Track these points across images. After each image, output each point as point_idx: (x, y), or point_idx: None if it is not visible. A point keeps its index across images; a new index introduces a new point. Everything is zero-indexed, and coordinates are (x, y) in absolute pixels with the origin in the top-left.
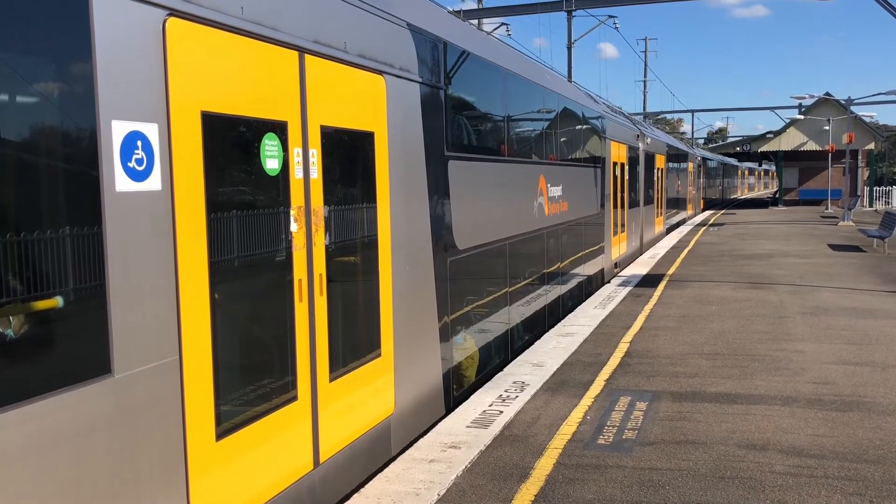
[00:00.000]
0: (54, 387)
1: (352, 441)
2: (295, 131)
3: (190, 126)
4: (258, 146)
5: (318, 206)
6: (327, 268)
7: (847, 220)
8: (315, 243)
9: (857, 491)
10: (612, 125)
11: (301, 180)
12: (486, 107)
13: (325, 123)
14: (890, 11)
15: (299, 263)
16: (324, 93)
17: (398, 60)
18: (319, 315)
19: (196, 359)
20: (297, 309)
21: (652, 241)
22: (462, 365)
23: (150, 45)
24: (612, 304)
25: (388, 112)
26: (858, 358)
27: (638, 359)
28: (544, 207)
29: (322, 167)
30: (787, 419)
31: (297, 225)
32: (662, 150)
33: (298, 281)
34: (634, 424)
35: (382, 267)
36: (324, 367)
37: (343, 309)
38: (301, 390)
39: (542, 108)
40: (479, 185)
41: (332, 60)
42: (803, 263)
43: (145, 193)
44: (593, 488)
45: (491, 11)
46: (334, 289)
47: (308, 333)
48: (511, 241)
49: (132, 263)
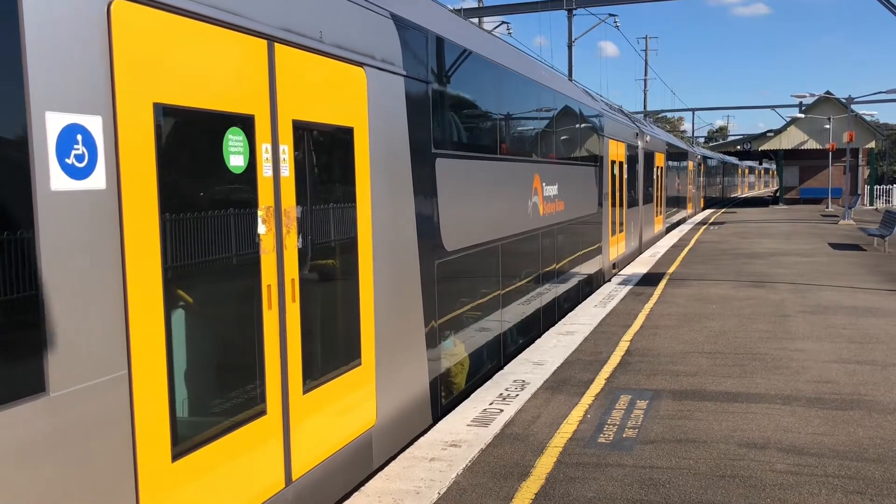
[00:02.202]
0: None
1: (329, 456)
2: (263, 126)
3: (140, 119)
4: (221, 141)
5: (290, 207)
6: (301, 272)
7: (847, 218)
8: (286, 246)
9: (857, 489)
10: (610, 123)
11: (270, 178)
12: (477, 103)
13: (298, 118)
14: (891, 10)
15: (268, 268)
16: (296, 85)
17: (380, 52)
18: (291, 323)
19: (148, 374)
20: (266, 317)
21: (651, 240)
22: (451, 371)
23: (93, 29)
24: (612, 302)
25: (370, 106)
26: (859, 357)
27: (638, 357)
28: (539, 207)
29: (294, 164)
30: (787, 418)
31: (265, 226)
32: (662, 149)
33: (267, 287)
34: (635, 423)
35: (363, 270)
36: (296, 378)
37: (319, 316)
38: (270, 404)
39: (537, 105)
40: (470, 183)
41: (306, 51)
42: (804, 262)
43: (87, 192)
44: (594, 487)
45: (491, 10)
46: (309, 295)
47: (278, 343)
48: (504, 242)
49: (71, 270)
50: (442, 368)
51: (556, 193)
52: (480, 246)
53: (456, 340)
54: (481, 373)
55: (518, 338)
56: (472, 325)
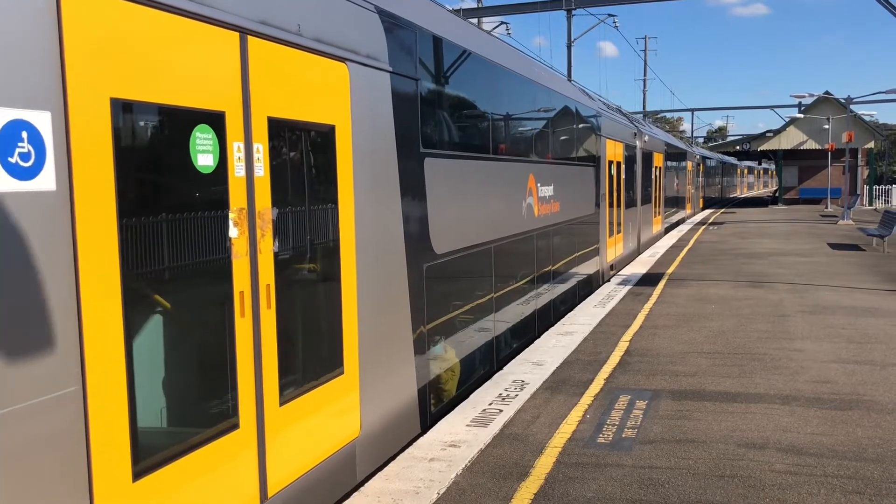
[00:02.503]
0: None
1: (309, 469)
2: (235, 123)
3: (95, 115)
4: (187, 140)
5: (265, 208)
6: (277, 278)
7: (847, 218)
8: (261, 250)
9: (856, 489)
10: (607, 122)
11: (242, 178)
12: (469, 101)
13: (275, 115)
14: (890, 11)
15: (240, 273)
16: (272, 81)
17: (364, 47)
18: (266, 331)
19: (105, 388)
20: (239, 325)
21: (650, 241)
22: (441, 378)
23: (41, 17)
24: (611, 302)
25: (353, 104)
26: (858, 357)
27: (638, 357)
28: (534, 208)
29: (270, 164)
30: (786, 418)
31: (237, 230)
32: (660, 149)
33: (240, 293)
34: (634, 423)
35: (345, 275)
36: (272, 389)
37: (298, 323)
38: (244, 417)
39: (532, 104)
40: (460, 184)
41: (283, 44)
42: (803, 262)
43: (34, 194)
44: (593, 487)
45: (491, 10)
46: (287, 301)
47: (252, 353)
48: (497, 245)
49: (15, 278)
50: (431, 375)
51: (552, 194)
52: (472, 248)
53: (446, 346)
54: (473, 378)
55: (512, 342)
56: (463, 329)
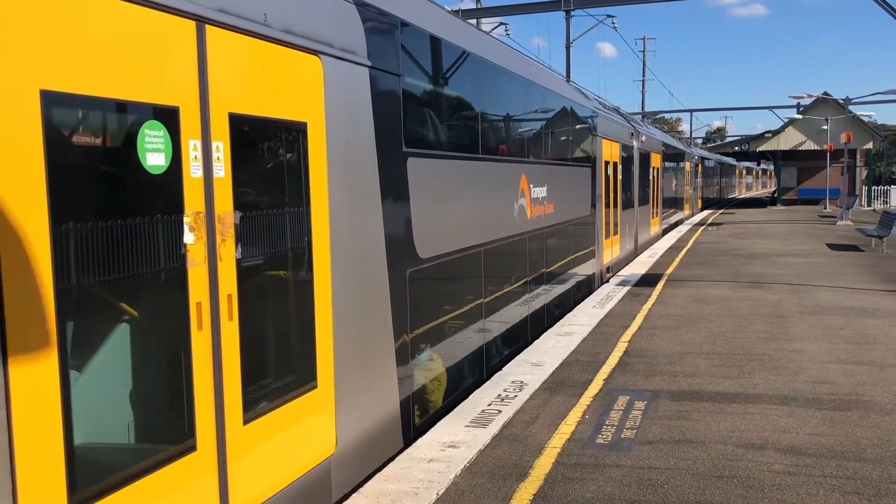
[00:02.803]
0: None
1: (278, 491)
2: (190, 119)
3: (22, 109)
4: (134, 137)
5: (226, 212)
6: (240, 287)
7: (845, 219)
8: (221, 257)
9: (855, 490)
10: (603, 122)
11: (200, 180)
12: (455, 98)
13: (237, 111)
14: (888, 11)
15: (197, 283)
16: (234, 74)
17: (340, 40)
18: (228, 345)
19: (34, 412)
20: (195, 339)
21: (647, 242)
22: (426, 389)
23: None
24: (610, 303)
25: (327, 100)
26: (857, 357)
27: (636, 358)
28: (526, 210)
29: (232, 164)
30: (785, 418)
31: (193, 235)
32: (658, 149)
33: (196, 305)
34: (633, 424)
35: (319, 282)
36: (235, 407)
37: (265, 335)
38: (202, 439)
39: (524, 102)
40: (447, 185)
41: (247, 35)
42: (802, 263)
43: None
44: (592, 487)
45: (489, 11)
46: (252, 311)
47: (211, 368)
48: (486, 248)
49: None
50: (415, 386)
51: (545, 195)
52: (460, 252)
53: (432, 355)
54: (462, 388)
55: (503, 348)
56: (450, 337)
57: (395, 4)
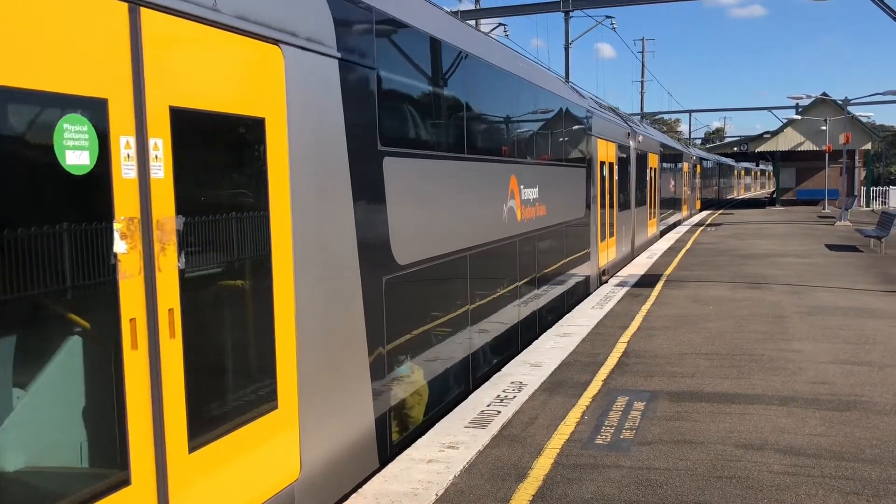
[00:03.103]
0: None
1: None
2: (122, 113)
3: None
4: (50, 133)
5: (166, 217)
6: (185, 300)
7: (844, 220)
8: (161, 268)
9: (854, 490)
10: (599, 121)
11: (133, 181)
12: (438, 94)
13: (181, 104)
14: (887, 12)
15: (130, 297)
16: (178, 64)
17: (305, 30)
18: (169, 365)
19: None
20: (129, 360)
21: (644, 244)
22: (405, 404)
23: None
24: (609, 304)
25: (289, 94)
26: (856, 357)
27: (636, 359)
28: (516, 212)
29: (174, 163)
30: (784, 419)
31: (126, 243)
32: (656, 150)
33: (130, 321)
34: (632, 424)
35: (280, 293)
36: (178, 434)
37: (215, 353)
38: (137, 471)
39: (515, 100)
40: (428, 187)
41: (193, 20)
42: (801, 263)
43: None
44: (591, 488)
45: (488, 12)
46: (199, 327)
47: (148, 392)
48: (473, 252)
49: None
50: (392, 401)
51: (537, 197)
52: (443, 257)
53: (412, 367)
54: (445, 401)
55: (491, 357)
56: (433, 348)
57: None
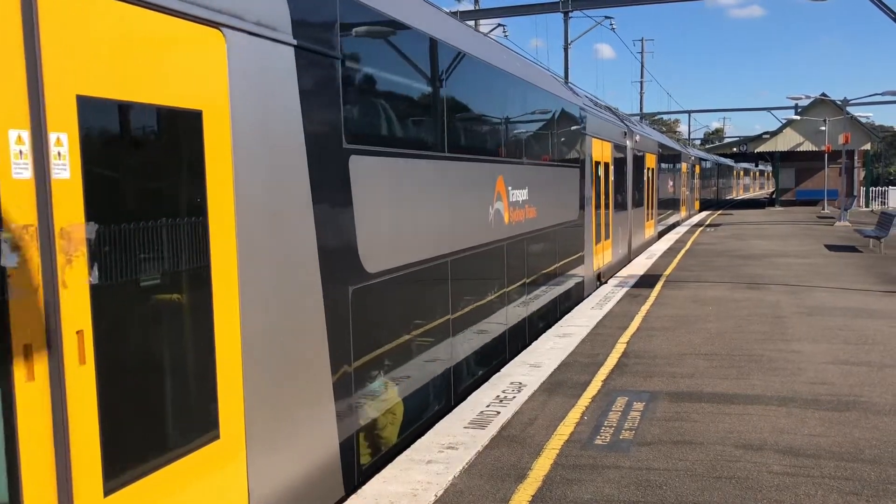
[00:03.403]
0: None
1: None
2: (14, 102)
3: None
4: None
5: (73, 225)
6: (97, 321)
7: (843, 220)
8: (66, 283)
9: (853, 490)
10: (594, 120)
11: (28, 182)
12: (414, 88)
13: (91, 93)
14: (886, 12)
15: (23, 319)
16: (85, 47)
17: (252, 12)
18: (78, 396)
19: None
20: (23, 393)
21: (642, 246)
22: (376, 424)
23: None
24: (609, 304)
25: (233, 84)
26: (855, 358)
27: (635, 359)
28: (503, 214)
29: (83, 162)
30: (783, 419)
31: (17, 256)
32: (653, 150)
33: (24, 347)
34: (632, 425)
35: (220, 307)
36: (90, 475)
37: (138, 379)
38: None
39: (501, 96)
40: (403, 188)
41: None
42: (800, 264)
43: None
44: (591, 488)
45: (488, 12)
46: (116, 351)
47: (50, 428)
48: (454, 258)
49: None
50: (360, 423)
51: (526, 198)
52: (420, 264)
53: (384, 384)
54: (424, 419)
55: (476, 369)
56: (409, 362)
57: None
